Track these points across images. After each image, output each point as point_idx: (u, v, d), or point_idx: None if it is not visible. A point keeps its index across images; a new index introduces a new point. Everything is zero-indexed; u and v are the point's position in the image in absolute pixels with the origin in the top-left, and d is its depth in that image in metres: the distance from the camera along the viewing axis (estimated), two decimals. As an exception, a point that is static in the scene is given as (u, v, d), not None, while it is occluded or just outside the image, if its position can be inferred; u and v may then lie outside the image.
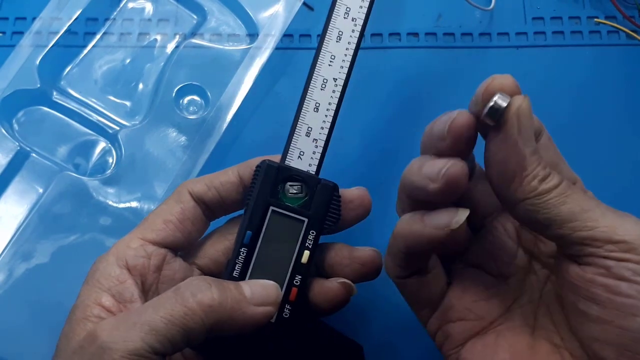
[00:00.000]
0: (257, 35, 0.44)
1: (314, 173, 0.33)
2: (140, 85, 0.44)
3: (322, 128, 0.33)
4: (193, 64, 0.44)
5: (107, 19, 0.46)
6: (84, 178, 0.41)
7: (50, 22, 0.44)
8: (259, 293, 0.30)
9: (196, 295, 0.28)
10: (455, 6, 0.47)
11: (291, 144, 0.33)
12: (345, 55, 0.33)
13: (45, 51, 0.43)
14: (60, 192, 0.41)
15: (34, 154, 0.42)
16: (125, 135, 0.42)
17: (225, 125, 0.42)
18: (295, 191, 0.33)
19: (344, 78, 0.33)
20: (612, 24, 0.46)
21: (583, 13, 0.48)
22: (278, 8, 0.44)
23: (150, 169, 0.41)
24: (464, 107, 0.45)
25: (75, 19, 0.44)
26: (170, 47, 0.45)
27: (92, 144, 0.43)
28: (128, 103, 0.44)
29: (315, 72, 0.33)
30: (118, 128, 0.43)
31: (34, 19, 0.45)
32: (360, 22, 0.33)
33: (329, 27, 0.33)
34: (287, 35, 0.46)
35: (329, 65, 0.33)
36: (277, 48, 0.43)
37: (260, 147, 0.44)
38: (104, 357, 0.26)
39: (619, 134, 0.44)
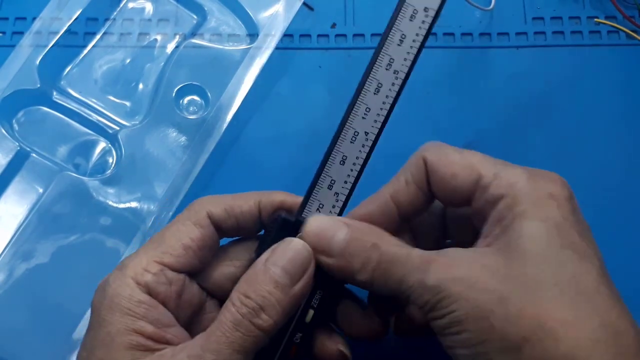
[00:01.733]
0: (257, 35, 0.44)
1: None
2: (140, 85, 0.44)
3: (346, 182, 0.31)
4: (193, 64, 0.44)
5: (107, 19, 0.46)
6: (84, 178, 0.41)
7: (50, 22, 0.44)
8: (294, 270, 0.29)
9: (259, 325, 0.28)
10: (455, 6, 0.47)
11: (311, 196, 0.31)
12: (382, 109, 0.31)
13: (45, 51, 0.43)
14: (60, 192, 0.41)
15: (34, 154, 0.42)
16: (125, 135, 0.42)
17: (225, 125, 0.41)
18: None
19: (376, 132, 0.31)
20: (612, 24, 0.46)
21: (583, 13, 0.48)
22: (278, 8, 0.44)
23: (151, 169, 0.41)
24: (463, 107, 0.46)
25: (75, 19, 0.44)
26: (170, 47, 0.45)
27: (92, 144, 0.43)
28: (128, 103, 0.44)
29: (347, 123, 0.31)
30: (118, 128, 0.43)
31: (34, 19, 0.45)
32: (403, 75, 0.31)
33: (369, 78, 0.31)
34: (287, 35, 0.46)
35: (363, 118, 0.31)
36: (277, 48, 0.43)
37: (260, 147, 0.44)
38: None
39: (618, 134, 0.44)
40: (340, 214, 0.32)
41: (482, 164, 0.29)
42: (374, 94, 0.31)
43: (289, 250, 0.29)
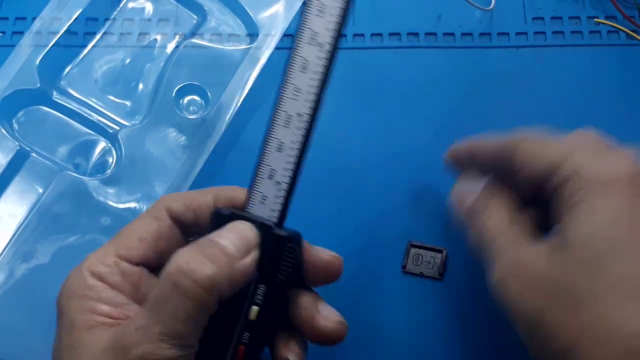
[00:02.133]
0: (257, 35, 0.44)
1: (275, 219, 0.30)
2: (140, 85, 0.44)
3: (285, 170, 0.30)
4: (193, 64, 0.44)
5: (107, 19, 0.46)
6: (84, 178, 0.41)
7: (50, 22, 0.44)
8: (240, 245, 0.29)
9: (196, 279, 0.27)
10: (455, 6, 0.47)
11: (253, 189, 0.30)
12: (310, 86, 0.29)
13: (45, 51, 0.43)
14: (60, 192, 0.41)
15: (34, 154, 0.42)
16: (125, 135, 0.42)
17: (225, 125, 0.41)
18: None
19: (310, 112, 0.29)
20: (612, 24, 0.46)
21: (583, 13, 0.48)
22: (278, 8, 0.44)
23: (150, 168, 0.41)
24: (463, 107, 0.46)
25: (75, 19, 0.44)
26: (170, 47, 0.45)
27: (92, 144, 0.43)
28: (128, 103, 0.44)
29: (278, 107, 0.30)
30: (118, 128, 0.43)
31: (34, 19, 0.45)
32: (328, 47, 0.29)
33: (293, 54, 0.29)
34: (287, 35, 0.46)
35: (294, 99, 0.29)
36: (277, 48, 0.43)
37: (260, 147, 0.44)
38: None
39: (618, 134, 0.44)
40: (285, 203, 0.30)
41: (560, 146, 0.31)
42: (302, 71, 0.29)
43: (235, 229, 0.29)
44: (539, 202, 0.32)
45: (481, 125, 0.45)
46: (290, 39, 0.47)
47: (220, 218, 0.30)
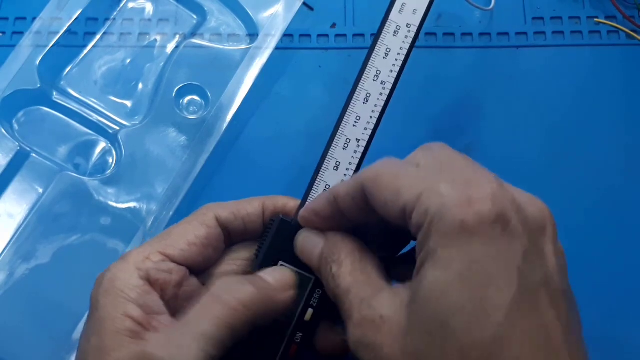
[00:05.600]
0: (257, 35, 0.44)
1: None
2: (140, 85, 0.44)
3: None
4: (193, 64, 0.44)
5: (107, 19, 0.46)
6: (84, 178, 0.41)
7: (50, 22, 0.44)
8: (280, 279, 0.30)
9: (236, 294, 0.28)
10: (455, 6, 0.47)
11: (307, 200, 0.32)
12: (371, 117, 0.33)
13: (45, 51, 0.43)
14: (60, 192, 0.41)
15: (34, 154, 0.42)
16: (126, 135, 0.42)
17: (225, 125, 0.41)
18: None
19: (367, 140, 0.33)
20: (612, 24, 0.46)
21: (583, 13, 0.48)
22: (278, 8, 0.44)
23: (151, 169, 0.41)
24: (463, 107, 0.46)
25: (75, 19, 0.44)
26: (170, 47, 0.45)
27: (92, 144, 0.43)
28: (128, 103, 0.44)
29: (339, 131, 0.33)
30: (118, 128, 0.43)
31: (34, 19, 0.45)
32: (389, 85, 0.33)
33: (358, 88, 0.33)
34: (287, 35, 0.46)
35: (354, 126, 0.33)
36: (277, 48, 0.43)
37: (260, 147, 0.44)
38: None
39: (618, 134, 0.44)
40: None
41: (412, 184, 0.26)
42: (363, 103, 0.33)
43: (278, 270, 0.31)
44: None
45: (481, 125, 0.45)
46: (290, 39, 0.47)
47: (283, 224, 0.32)
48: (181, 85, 0.43)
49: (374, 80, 0.33)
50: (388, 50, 0.34)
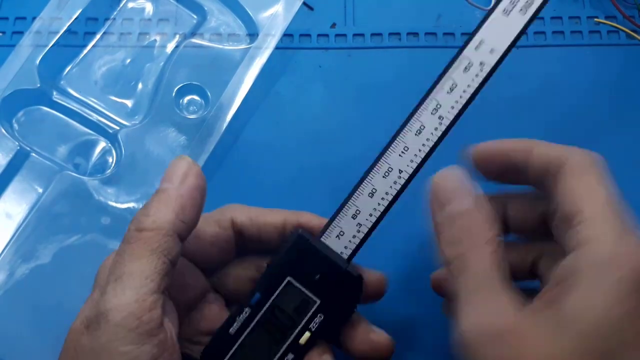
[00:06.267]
0: (257, 35, 0.44)
1: (347, 256, 0.31)
2: (140, 85, 0.44)
3: (371, 215, 0.31)
4: (193, 64, 0.44)
5: (107, 19, 0.46)
6: (84, 178, 0.41)
7: (50, 22, 0.44)
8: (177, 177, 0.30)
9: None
10: (455, 6, 0.47)
11: (334, 222, 0.31)
12: (420, 150, 0.31)
13: (45, 51, 0.43)
14: (60, 192, 0.41)
15: (34, 154, 0.42)
16: (125, 135, 0.42)
17: (225, 125, 0.41)
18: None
19: (411, 172, 0.31)
20: (612, 24, 0.46)
21: (583, 13, 0.48)
22: (278, 8, 0.44)
23: (151, 168, 0.41)
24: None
25: (75, 18, 0.44)
26: (170, 47, 0.45)
27: (92, 144, 0.43)
28: (128, 103, 0.44)
29: (383, 158, 0.31)
30: (118, 128, 0.43)
31: (34, 18, 0.45)
32: (447, 122, 0.31)
33: (413, 118, 0.31)
34: (287, 35, 0.46)
35: (400, 155, 0.31)
36: (277, 48, 0.43)
37: (260, 147, 0.44)
38: None
39: (618, 134, 0.44)
40: (357, 248, 0.31)
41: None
42: (415, 135, 0.31)
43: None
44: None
45: (481, 125, 0.45)
46: (290, 39, 0.47)
47: (300, 240, 0.31)
48: (181, 85, 0.43)
49: (432, 113, 0.31)
50: (454, 85, 0.31)
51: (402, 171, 0.31)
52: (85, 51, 0.45)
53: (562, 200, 0.27)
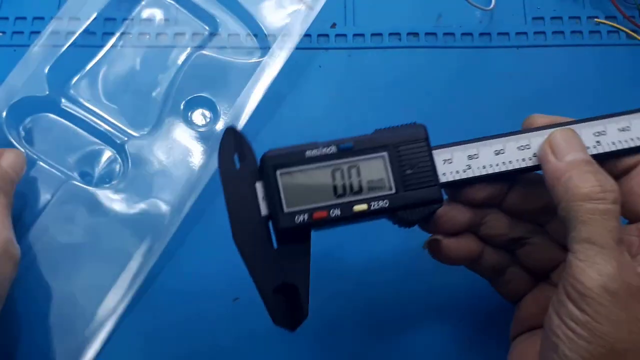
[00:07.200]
0: (268, 48, 0.43)
1: (442, 181, 0.31)
2: (149, 96, 0.44)
3: (484, 167, 0.32)
4: (203, 75, 0.44)
5: (118, 29, 0.46)
6: (90, 188, 0.41)
7: (60, 30, 0.43)
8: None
9: None
10: (455, 6, 0.48)
11: (452, 147, 0.32)
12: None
13: (54, 58, 0.42)
14: (66, 201, 0.41)
15: (40, 162, 0.42)
16: (133, 145, 0.42)
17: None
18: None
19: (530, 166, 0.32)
20: (612, 24, 0.47)
21: (583, 13, 0.48)
22: (290, 21, 0.44)
23: (157, 180, 0.41)
24: (462, 107, 0.46)
25: (86, 28, 0.44)
26: (181, 58, 0.45)
27: (99, 153, 0.43)
28: (136, 113, 0.44)
29: (526, 133, 0.33)
30: (126, 138, 0.43)
31: (34, 19, 0.45)
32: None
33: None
34: (298, 49, 0.44)
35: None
36: (287, 61, 0.43)
37: (260, 147, 0.44)
38: None
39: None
40: (451, 184, 0.32)
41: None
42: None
43: None
44: None
45: (481, 125, 0.46)
46: (302, 52, 0.46)
47: (425, 134, 0.32)
48: (190, 97, 0.43)
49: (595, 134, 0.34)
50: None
51: (533, 156, 0.32)
52: (95, 60, 0.45)
53: None
